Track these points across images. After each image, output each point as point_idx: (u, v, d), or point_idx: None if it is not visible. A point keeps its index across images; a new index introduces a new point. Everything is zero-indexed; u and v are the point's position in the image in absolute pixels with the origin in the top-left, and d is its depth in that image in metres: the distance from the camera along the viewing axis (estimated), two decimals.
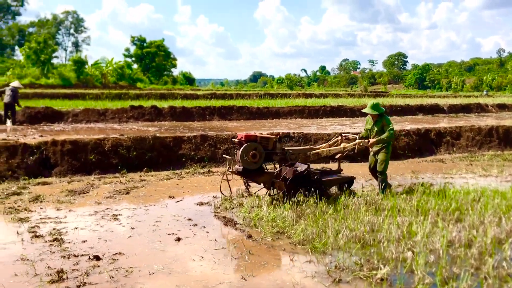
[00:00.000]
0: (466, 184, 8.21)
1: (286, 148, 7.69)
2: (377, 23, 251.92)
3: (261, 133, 7.61)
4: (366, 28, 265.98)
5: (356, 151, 8.01)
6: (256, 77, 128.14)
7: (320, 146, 8.22)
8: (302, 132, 12.87)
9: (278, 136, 7.54)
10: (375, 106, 7.69)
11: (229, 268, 4.74)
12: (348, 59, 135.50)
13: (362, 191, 7.82)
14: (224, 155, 8.28)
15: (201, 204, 7.42)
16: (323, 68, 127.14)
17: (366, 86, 56.64)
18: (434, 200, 6.68)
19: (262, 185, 7.58)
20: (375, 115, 7.78)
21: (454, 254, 4.78)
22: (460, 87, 72.42)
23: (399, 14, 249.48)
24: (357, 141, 7.86)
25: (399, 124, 17.73)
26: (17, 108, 15.79)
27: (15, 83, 16.26)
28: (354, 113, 22.70)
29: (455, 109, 26.51)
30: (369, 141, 7.70)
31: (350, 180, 7.98)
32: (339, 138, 8.25)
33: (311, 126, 16.55)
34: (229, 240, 5.61)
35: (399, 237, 5.22)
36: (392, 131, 7.56)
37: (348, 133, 8.69)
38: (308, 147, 8.16)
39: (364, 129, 8.19)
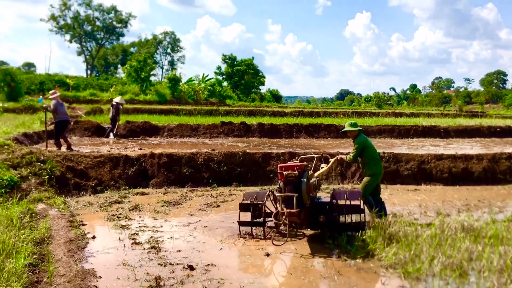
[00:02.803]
0: None
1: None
2: (475, 39, 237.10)
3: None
4: (462, 45, 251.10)
5: (332, 169, 7.87)
6: (343, 95, 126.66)
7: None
8: (393, 152, 12.49)
9: (304, 163, 6.66)
10: (353, 124, 7.49)
11: (318, 287, 4.71)
12: (441, 77, 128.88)
13: (459, 215, 7.40)
14: (278, 194, 6.15)
15: None
16: (413, 87, 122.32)
17: (461, 106, 53.31)
18: None
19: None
20: (354, 135, 7.47)
21: None
22: None
23: (499, 30, 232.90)
24: (332, 160, 7.68)
25: (499, 146, 16.59)
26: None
27: (117, 99, 17.25)
28: (449, 133, 21.57)
29: None
30: (337, 158, 7.62)
31: None
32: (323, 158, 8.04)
33: (401, 146, 16.01)
34: (318, 258, 5.59)
35: (501, 267, 4.88)
36: (352, 154, 7.32)
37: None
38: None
39: None
